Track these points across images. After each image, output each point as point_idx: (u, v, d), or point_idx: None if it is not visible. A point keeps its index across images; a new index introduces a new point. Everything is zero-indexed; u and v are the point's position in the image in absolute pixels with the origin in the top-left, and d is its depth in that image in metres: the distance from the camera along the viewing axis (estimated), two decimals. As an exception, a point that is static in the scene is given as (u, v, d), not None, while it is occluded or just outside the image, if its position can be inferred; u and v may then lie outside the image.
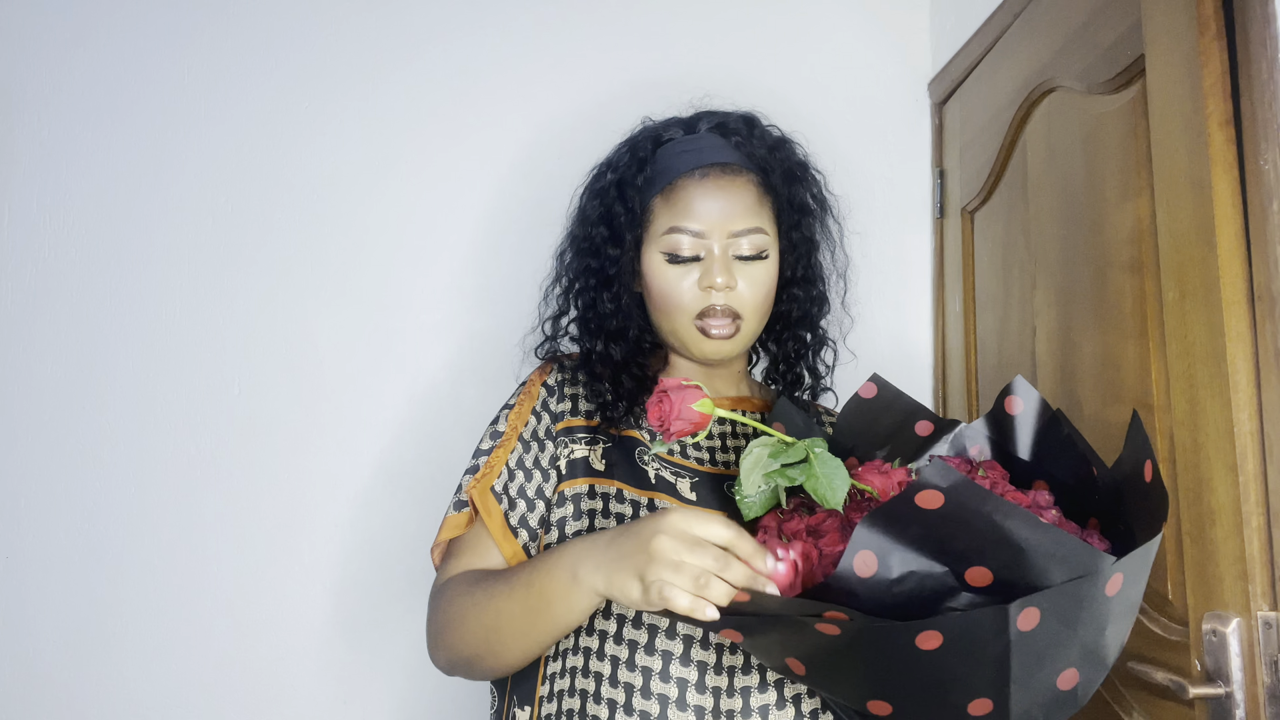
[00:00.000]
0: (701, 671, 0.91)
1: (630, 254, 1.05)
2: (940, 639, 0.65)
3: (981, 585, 0.68)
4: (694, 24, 1.73)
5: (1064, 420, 0.87)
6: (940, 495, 0.64)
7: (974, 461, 0.90)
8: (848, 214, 1.20)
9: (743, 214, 1.02)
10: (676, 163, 1.05)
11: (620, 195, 1.06)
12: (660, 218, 1.04)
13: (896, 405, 0.95)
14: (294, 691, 1.50)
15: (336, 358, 1.58)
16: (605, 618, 0.94)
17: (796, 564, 0.75)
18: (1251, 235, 0.93)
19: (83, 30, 1.60)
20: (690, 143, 1.06)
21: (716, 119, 1.09)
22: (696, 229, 1.01)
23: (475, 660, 0.93)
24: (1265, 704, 0.86)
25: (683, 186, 1.03)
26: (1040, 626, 0.65)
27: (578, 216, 1.13)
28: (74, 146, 1.58)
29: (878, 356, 1.69)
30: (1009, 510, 0.64)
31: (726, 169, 1.04)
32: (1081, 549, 0.65)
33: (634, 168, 1.06)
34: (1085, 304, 1.21)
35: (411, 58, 1.66)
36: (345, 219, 1.62)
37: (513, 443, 1.01)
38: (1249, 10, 0.95)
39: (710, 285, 1.00)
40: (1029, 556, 0.65)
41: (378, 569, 1.53)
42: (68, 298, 1.55)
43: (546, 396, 1.05)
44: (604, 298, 1.06)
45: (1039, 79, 1.35)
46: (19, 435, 1.51)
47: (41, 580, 1.48)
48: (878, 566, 0.68)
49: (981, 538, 0.66)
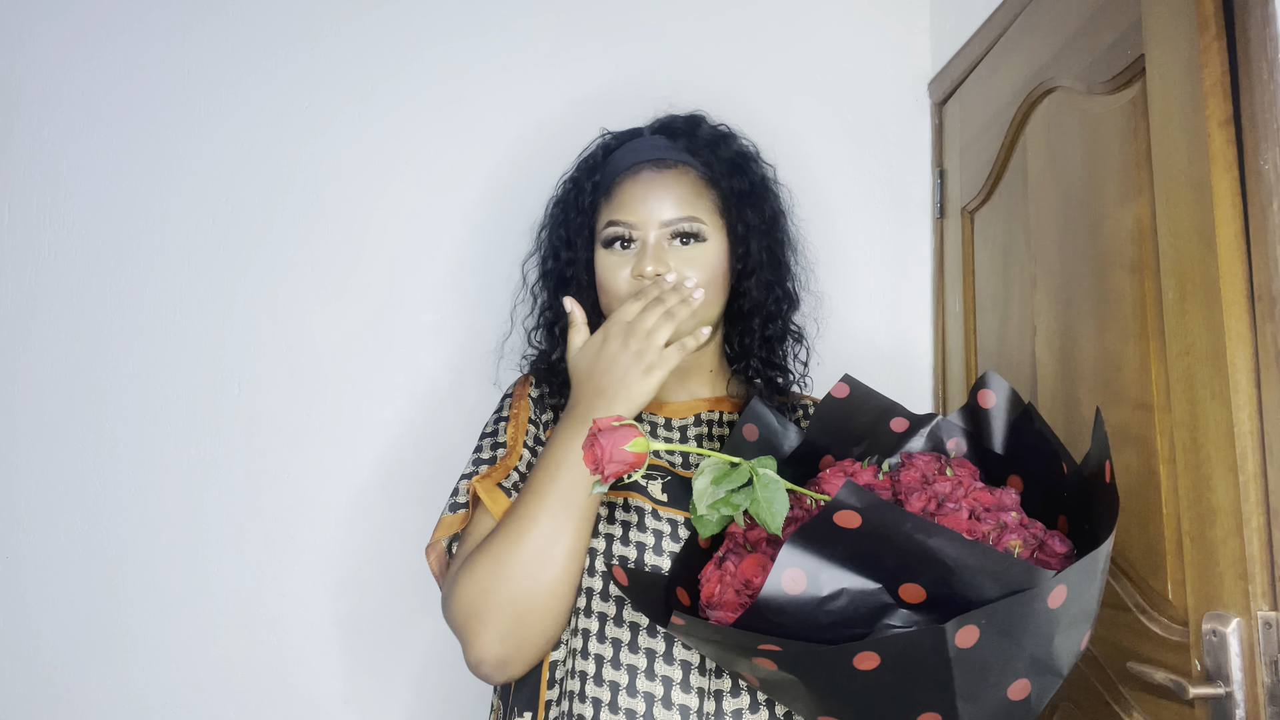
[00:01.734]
0: (686, 670, 0.92)
1: (584, 255, 1.09)
2: (877, 659, 0.65)
3: (916, 602, 0.68)
4: (694, 24, 1.73)
5: (1035, 415, 0.86)
6: (857, 515, 0.64)
7: (945, 459, 0.90)
8: (840, 217, 1.20)
9: (674, 203, 1.05)
10: (619, 163, 1.10)
11: (575, 201, 1.12)
12: (602, 215, 1.08)
13: (870, 403, 0.95)
14: (294, 691, 1.50)
15: (336, 357, 1.58)
16: (587, 616, 0.94)
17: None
18: (1251, 235, 0.93)
19: (83, 30, 1.60)
20: (633, 145, 1.12)
21: (662, 121, 1.14)
22: (628, 220, 1.04)
23: (531, 599, 0.90)
24: (1265, 704, 0.86)
25: (620, 183, 1.08)
26: (981, 642, 0.64)
27: (542, 225, 1.19)
28: (74, 146, 1.58)
29: (878, 356, 1.69)
30: (930, 529, 0.64)
31: (660, 164, 1.08)
32: (1013, 565, 0.64)
33: (585, 175, 1.12)
34: (1085, 304, 1.21)
35: (411, 58, 1.66)
36: (345, 219, 1.62)
37: (519, 450, 1.03)
38: (1249, 10, 0.95)
39: (640, 273, 1.02)
40: (958, 573, 0.64)
41: (378, 568, 1.53)
42: (68, 298, 1.55)
43: (534, 407, 1.08)
44: (559, 299, 1.10)
45: (1039, 79, 1.35)
46: (19, 435, 1.51)
47: (41, 580, 1.48)
48: (806, 583, 0.67)
49: (907, 556, 0.65)
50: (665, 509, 0.98)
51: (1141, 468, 1.06)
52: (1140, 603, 1.05)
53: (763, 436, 0.95)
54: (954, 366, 1.64)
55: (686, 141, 1.10)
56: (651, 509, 0.98)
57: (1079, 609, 0.69)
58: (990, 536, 0.76)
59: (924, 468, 0.87)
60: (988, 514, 0.79)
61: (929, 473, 0.86)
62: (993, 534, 0.76)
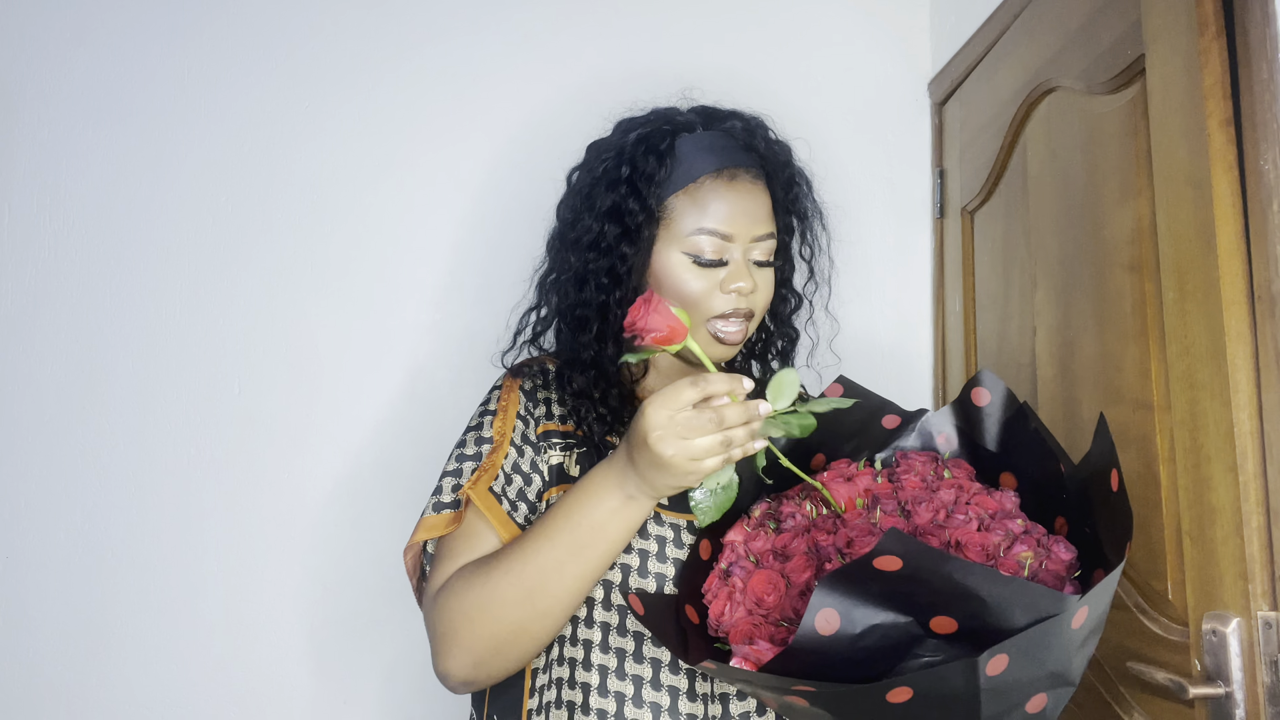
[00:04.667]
0: (691, 679, 0.91)
1: (644, 251, 1.01)
2: (910, 693, 0.65)
3: (947, 632, 0.68)
4: (694, 24, 1.73)
5: (1031, 414, 0.86)
6: (899, 560, 0.64)
7: (940, 458, 0.90)
8: (840, 217, 1.21)
9: (764, 219, 1.02)
10: (700, 161, 1.01)
11: (634, 191, 1.01)
12: (685, 217, 1.00)
13: (863, 402, 0.94)
14: (293, 691, 1.50)
15: (336, 357, 1.58)
16: (589, 626, 0.93)
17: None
18: (1251, 235, 0.93)
19: (83, 29, 1.60)
20: (711, 140, 1.03)
21: (732, 117, 1.06)
22: (726, 232, 0.99)
23: (511, 641, 0.87)
24: (1265, 704, 0.86)
25: (711, 188, 1.00)
26: (1009, 668, 0.65)
27: (579, 205, 1.06)
28: (74, 146, 1.58)
29: (878, 356, 1.69)
30: (969, 569, 0.64)
31: (749, 172, 1.03)
32: (1045, 595, 0.65)
33: (653, 161, 1.01)
34: (1085, 304, 1.21)
35: (410, 57, 1.66)
36: (345, 218, 1.62)
37: (505, 447, 0.98)
38: (1249, 10, 0.95)
39: (738, 290, 0.99)
40: (992, 606, 0.65)
41: (377, 568, 1.53)
42: (67, 298, 1.55)
43: (525, 401, 1.03)
44: (614, 297, 1.01)
45: (1039, 79, 1.35)
46: (19, 435, 1.51)
47: (41, 580, 1.48)
48: (840, 624, 0.67)
49: (943, 594, 0.65)
50: (668, 513, 0.96)
51: (1141, 468, 1.06)
52: (1140, 602, 1.05)
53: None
54: (954, 366, 1.64)
55: (760, 144, 1.06)
56: (654, 514, 0.95)
57: (1095, 623, 0.70)
58: (1001, 548, 0.76)
59: (921, 469, 0.86)
60: (994, 522, 0.79)
61: (926, 474, 0.85)
62: (1003, 545, 0.76)
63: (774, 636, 0.77)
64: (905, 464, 0.88)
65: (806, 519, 0.85)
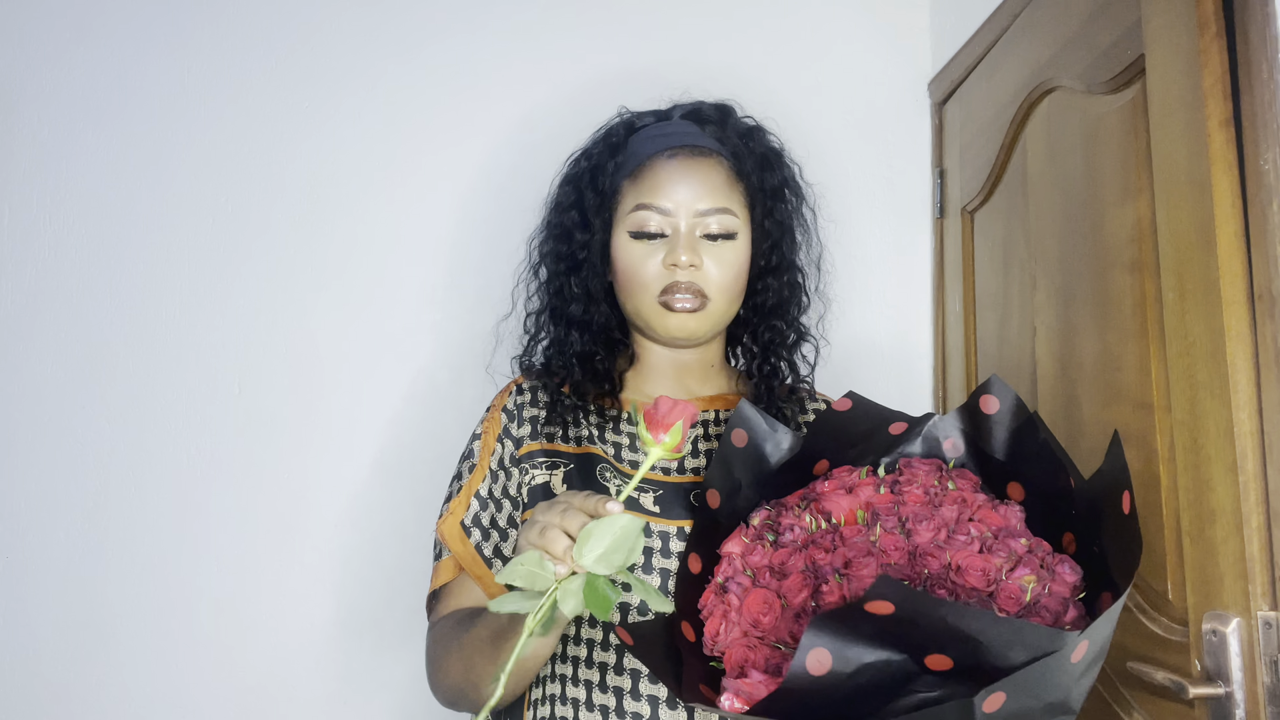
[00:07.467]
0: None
1: (600, 237, 1.04)
2: None
3: (942, 670, 0.67)
4: (694, 24, 1.73)
5: (1040, 424, 0.84)
6: (891, 605, 0.63)
7: (945, 467, 0.89)
8: (840, 217, 1.20)
9: (710, 193, 1.01)
10: (647, 145, 1.05)
11: (592, 181, 1.06)
12: (628, 198, 1.04)
13: (872, 414, 0.92)
14: (294, 691, 1.50)
15: (336, 357, 1.58)
16: (576, 644, 0.94)
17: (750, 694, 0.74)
18: (1251, 235, 0.93)
19: (82, 29, 1.60)
20: (662, 128, 1.07)
21: (691, 106, 1.10)
22: (663, 206, 1.01)
23: (461, 697, 0.93)
24: (1265, 704, 0.86)
25: (651, 166, 1.03)
26: (1006, 704, 0.64)
27: (551, 204, 1.12)
28: (73, 146, 1.58)
29: (878, 356, 1.69)
30: (963, 612, 0.63)
31: (696, 150, 1.04)
32: (1043, 634, 0.64)
33: (606, 153, 1.07)
34: (1085, 304, 1.21)
35: (409, 57, 1.66)
36: (345, 218, 1.62)
37: (482, 472, 1.00)
38: (1249, 10, 0.95)
39: (674, 263, 0.99)
40: (988, 646, 0.64)
41: (378, 568, 1.53)
42: (67, 298, 1.55)
43: (507, 422, 1.03)
44: (571, 283, 1.06)
45: (1039, 79, 1.35)
46: (19, 435, 1.51)
47: (41, 580, 1.48)
48: (833, 663, 0.66)
49: (937, 635, 0.65)
50: (658, 521, 0.95)
51: (1141, 468, 1.06)
52: (1140, 603, 1.05)
53: (752, 442, 0.91)
54: (954, 366, 1.64)
55: (717, 130, 1.07)
56: (643, 524, 0.96)
57: (1096, 653, 0.68)
58: (1003, 571, 0.75)
59: (924, 479, 0.85)
60: (997, 542, 0.78)
61: (930, 485, 0.84)
62: (1005, 567, 0.75)
63: (769, 660, 0.76)
64: (909, 473, 0.86)
65: (805, 532, 0.84)
